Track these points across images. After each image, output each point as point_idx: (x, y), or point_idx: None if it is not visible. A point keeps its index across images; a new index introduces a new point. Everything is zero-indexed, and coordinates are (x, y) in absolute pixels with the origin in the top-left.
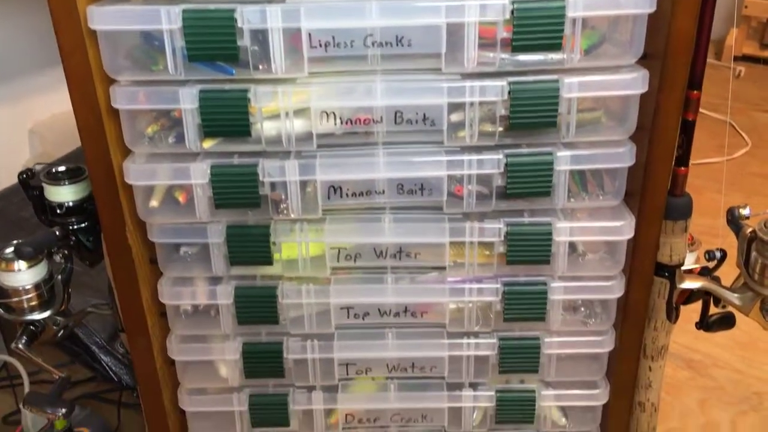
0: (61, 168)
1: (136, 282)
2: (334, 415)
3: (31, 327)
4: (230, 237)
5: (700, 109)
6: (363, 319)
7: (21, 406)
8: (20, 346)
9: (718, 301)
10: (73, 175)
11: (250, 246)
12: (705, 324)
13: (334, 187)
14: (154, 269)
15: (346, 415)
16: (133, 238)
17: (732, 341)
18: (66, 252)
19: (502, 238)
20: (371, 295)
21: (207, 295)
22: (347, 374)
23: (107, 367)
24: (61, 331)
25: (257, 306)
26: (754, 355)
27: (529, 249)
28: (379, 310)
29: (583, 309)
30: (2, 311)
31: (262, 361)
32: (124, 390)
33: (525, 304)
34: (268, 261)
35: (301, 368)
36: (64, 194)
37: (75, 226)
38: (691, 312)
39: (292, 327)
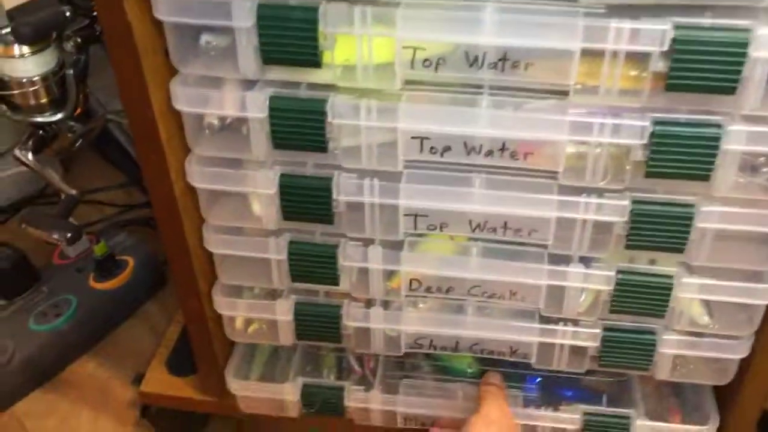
0: None
1: (143, 79)
2: (396, 279)
3: (41, 132)
4: (263, 19)
5: None
6: (442, 155)
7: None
8: (23, 152)
9: None
10: None
11: (292, 35)
12: None
13: None
14: (170, 65)
15: (411, 280)
16: (135, 15)
17: None
18: (78, 40)
19: (665, 48)
20: (457, 121)
21: (235, 104)
22: (415, 228)
23: None
24: (79, 141)
25: (299, 123)
26: None
27: (705, 66)
28: (465, 144)
29: (766, 168)
30: (6, 109)
31: (305, 199)
32: None
33: (683, 153)
34: (316, 61)
35: (356, 214)
36: None
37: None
38: None
39: (346, 159)
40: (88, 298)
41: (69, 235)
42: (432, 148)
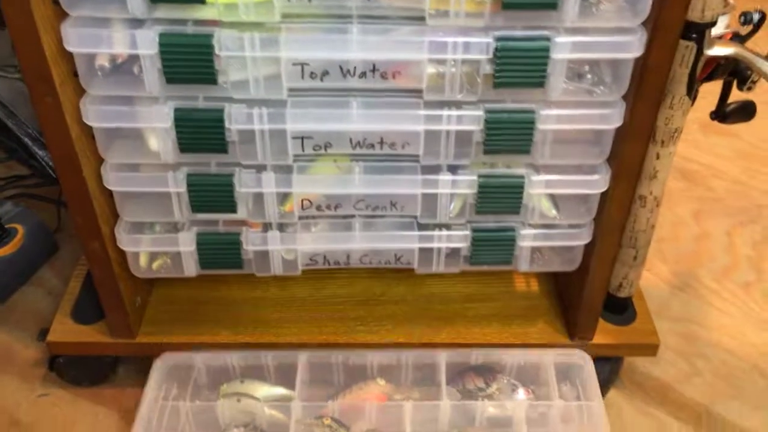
0: None
1: (34, 25)
2: (289, 201)
3: None
4: None
5: None
6: (321, 80)
7: None
8: None
9: (741, 84)
10: None
11: None
12: (721, 113)
13: None
14: (59, 12)
15: (303, 200)
16: None
17: (733, 151)
18: None
19: None
20: (332, 47)
21: (126, 42)
22: (303, 150)
23: (44, 162)
24: None
25: (188, 58)
26: (757, 166)
27: None
28: (341, 68)
29: (589, 75)
30: None
31: (198, 131)
32: None
33: (521, 64)
34: None
35: (248, 142)
36: None
37: None
38: (690, 122)
39: (235, 91)
40: None
41: None
42: (312, 73)
